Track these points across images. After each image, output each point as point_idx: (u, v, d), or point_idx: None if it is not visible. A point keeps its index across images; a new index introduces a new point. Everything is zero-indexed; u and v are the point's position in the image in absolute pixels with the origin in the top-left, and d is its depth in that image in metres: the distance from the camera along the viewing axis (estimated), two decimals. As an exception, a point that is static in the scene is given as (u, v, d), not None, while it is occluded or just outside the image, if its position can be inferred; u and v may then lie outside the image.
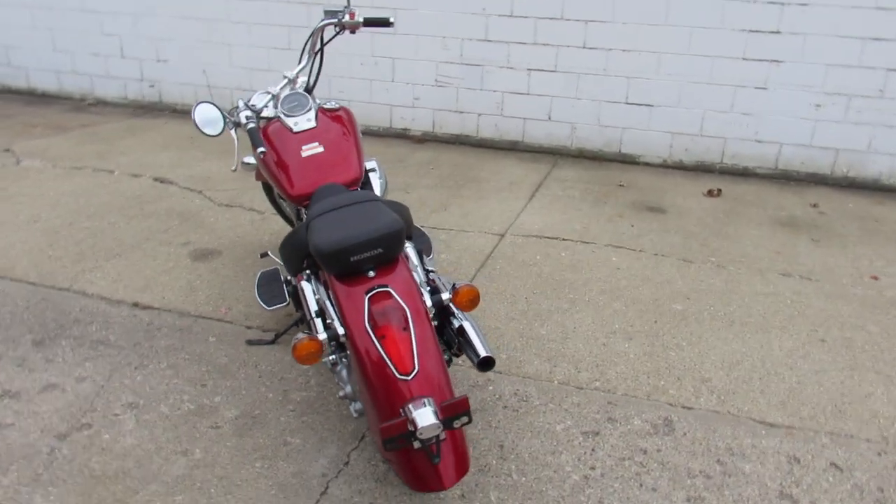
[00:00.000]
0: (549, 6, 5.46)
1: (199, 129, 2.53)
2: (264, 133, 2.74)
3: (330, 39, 2.97)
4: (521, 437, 2.42)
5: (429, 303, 1.88)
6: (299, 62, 2.98)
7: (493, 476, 2.23)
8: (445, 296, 1.90)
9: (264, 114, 2.85)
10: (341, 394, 2.06)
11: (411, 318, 1.80)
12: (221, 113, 2.55)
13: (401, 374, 1.75)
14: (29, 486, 2.13)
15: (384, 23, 2.93)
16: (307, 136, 2.68)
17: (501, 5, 5.58)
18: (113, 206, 4.31)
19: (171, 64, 6.64)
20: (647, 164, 5.62)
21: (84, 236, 3.88)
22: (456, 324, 2.31)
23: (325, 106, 2.83)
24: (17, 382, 2.62)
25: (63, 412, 2.47)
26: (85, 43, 6.82)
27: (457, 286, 1.88)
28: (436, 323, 2.29)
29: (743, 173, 5.43)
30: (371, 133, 6.24)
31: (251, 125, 2.58)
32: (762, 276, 3.67)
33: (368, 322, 1.79)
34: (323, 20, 2.91)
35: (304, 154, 2.62)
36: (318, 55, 3.00)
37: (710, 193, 4.97)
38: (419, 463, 1.72)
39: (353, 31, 2.96)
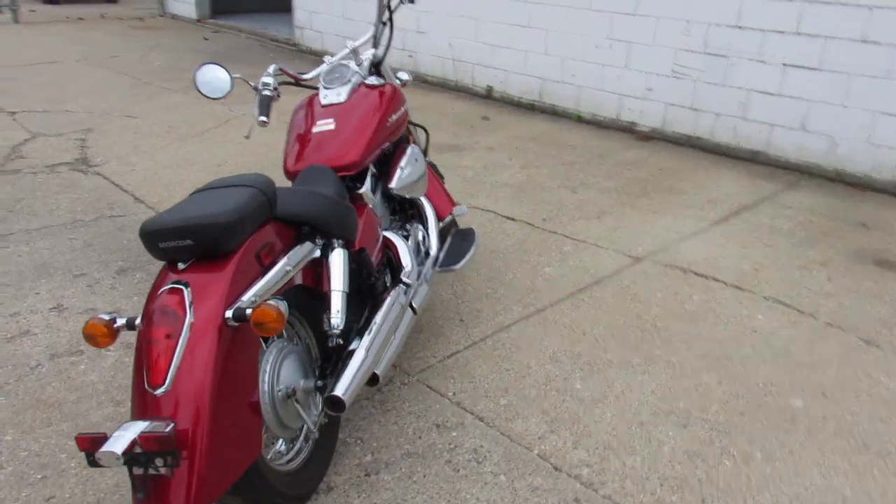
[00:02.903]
0: (820, -14, 4.29)
1: (200, 91, 2.43)
2: (309, 103, 2.59)
3: (395, 9, 2.67)
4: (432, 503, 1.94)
5: (229, 314, 1.56)
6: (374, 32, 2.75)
7: (356, 539, 1.83)
8: (249, 311, 1.56)
9: (320, 84, 2.68)
10: None
11: (188, 327, 1.51)
12: (230, 76, 2.42)
13: (149, 386, 1.49)
14: (-8, 394, 2.35)
15: None
16: (329, 111, 2.45)
17: (762, -16, 4.55)
18: (289, 162, 4.57)
19: (428, 35, 6.81)
20: (930, 204, 4.16)
21: (242, 184, 4.18)
22: (353, 346, 1.93)
23: (368, 81, 2.56)
24: (74, 300, 2.91)
25: (75, 336, 2.67)
26: (364, 13, 7.34)
27: (261, 305, 1.53)
28: (341, 342, 1.93)
29: None
30: (595, 123, 5.67)
31: (265, 92, 2.44)
32: (985, 393, 2.44)
33: (144, 318, 1.55)
34: None
35: (314, 130, 2.41)
36: (387, 26, 2.72)
37: None
38: (133, 489, 1.46)
39: (412, 1, 2.63)
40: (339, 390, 1.75)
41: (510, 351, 2.64)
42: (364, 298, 2.15)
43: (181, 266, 1.61)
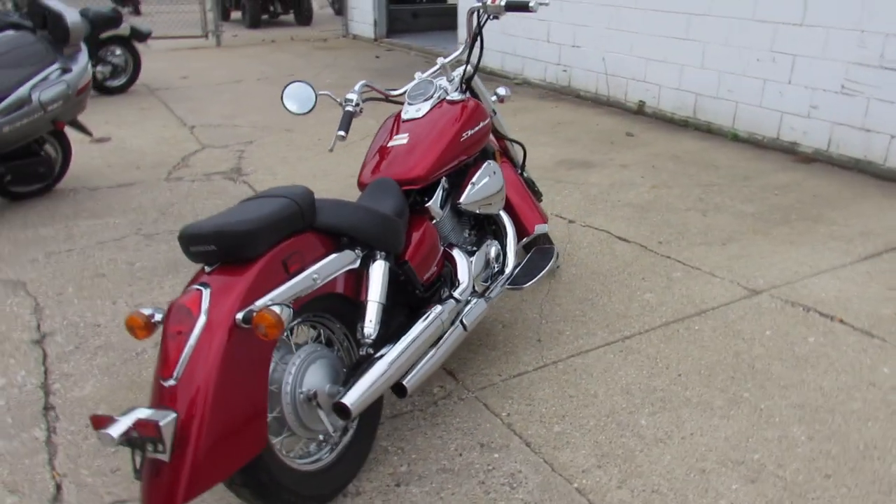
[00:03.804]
0: None
1: (286, 107, 2.54)
2: (394, 118, 2.66)
3: (482, 24, 2.66)
4: (448, 525, 1.90)
5: (239, 316, 1.62)
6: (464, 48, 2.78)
7: (365, 548, 1.83)
8: (255, 315, 1.62)
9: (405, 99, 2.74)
10: None
11: (200, 326, 1.60)
12: (315, 93, 2.52)
13: (161, 377, 1.60)
14: (100, 372, 2.64)
15: (524, 7, 2.53)
16: (407, 126, 2.51)
17: (951, -14, 3.96)
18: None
19: (583, 50, 6.69)
20: None
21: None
22: (378, 356, 1.94)
23: (451, 97, 2.58)
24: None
25: (183, 326, 2.94)
26: (524, 28, 7.37)
27: (262, 309, 1.57)
28: (372, 351, 1.95)
29: None
30: (752, 142, 5.23)
31: (347, 108, 2.53)
32: None
33: (166, 315, 1.67)
34: (474, 5, 2.64)
35: (389, 144, 2.47)
36: (477, 41, 2.71)
37: None
38: (133, 468, 1.58)
39: (496, 17, 2.61)
40: (349, 398, 1.77)
41: (580, 377, 2.51)
42: (410, 310, 2.16)
43: (207, 269, 1.73)
